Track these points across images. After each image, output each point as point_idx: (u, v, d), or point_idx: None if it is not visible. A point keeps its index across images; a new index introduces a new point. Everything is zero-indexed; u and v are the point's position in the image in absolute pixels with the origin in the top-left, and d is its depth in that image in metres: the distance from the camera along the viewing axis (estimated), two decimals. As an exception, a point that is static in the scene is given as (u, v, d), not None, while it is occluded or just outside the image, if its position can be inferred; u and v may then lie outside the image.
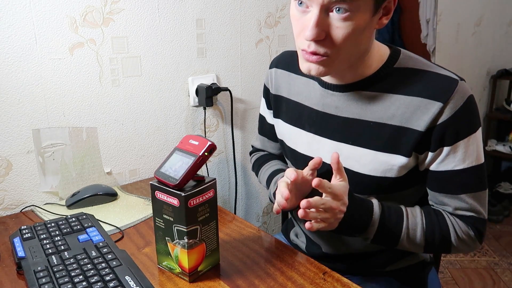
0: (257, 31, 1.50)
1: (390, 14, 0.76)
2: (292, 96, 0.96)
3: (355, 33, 0.71)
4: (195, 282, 0.78)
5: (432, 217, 0.83)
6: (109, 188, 1.17)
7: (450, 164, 0.79)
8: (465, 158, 0.79)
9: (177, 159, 0.76)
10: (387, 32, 2.21)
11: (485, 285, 2.02)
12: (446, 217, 0.83)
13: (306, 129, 0.92)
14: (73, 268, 0.76)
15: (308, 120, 0.91)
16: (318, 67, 0.76)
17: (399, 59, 0.82)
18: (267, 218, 1.75)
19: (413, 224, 0.82)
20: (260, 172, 1.09)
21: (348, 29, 0.70)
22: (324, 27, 0.71)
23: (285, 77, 0.98)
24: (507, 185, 2.84)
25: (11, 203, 1.11)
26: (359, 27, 0.71)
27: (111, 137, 1.25)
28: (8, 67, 1.04)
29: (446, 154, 0.78)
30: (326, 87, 0.87)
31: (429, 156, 0.80)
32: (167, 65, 1.31)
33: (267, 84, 1.05)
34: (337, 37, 0.71)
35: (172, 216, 0.75)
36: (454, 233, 0.82)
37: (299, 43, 0.76)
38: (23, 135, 1.09)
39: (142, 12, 1.22)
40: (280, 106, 1.00)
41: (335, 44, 0.72)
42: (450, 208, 0.83)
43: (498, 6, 2.72)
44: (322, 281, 0.78)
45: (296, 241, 1.07)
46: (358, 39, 0.73)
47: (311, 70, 0.77)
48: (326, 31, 0.71)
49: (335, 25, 0.70)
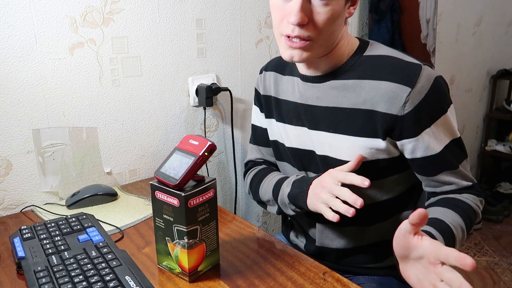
0: (257, 31, 1.50)
1: (356, 5, 0.83)
2: (280, 95, 0.99)
3: (333, 18, 0.78)
4: (195, 282, 0.78)
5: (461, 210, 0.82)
6: (109, 188, 1.17)
7: (437, 145, 0.82)
8: (446, 135, 0.83)
9: (177, 159, 0.76)
10: (387, 32, 2.21)
11: (485, 285, 2.02)
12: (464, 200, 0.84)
13: (293, 124, 0.95)
14: (73, 268, 0.76)
15: (294, 114, 0.95)
16: (301, 53, 0.80)
17: (368, 48, 0.87)
18: (267, 218, 1.75)
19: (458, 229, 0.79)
20: (262, 184, 1.02)
21: (328, 14, 0.77)
22: (307, 12, 0.76)
23: (272, 77, 1.02)
24: (507, 185, 2.84)
25: (11, 203, 1.11)
26: (336, 13, 0.77)
27: (111, 137, 1.25)
28: (8, 67, 1.04)
29: (429, 136, 0.81)
30: (306, 80, 0.91)
31: (411, 143, 0.82)
32: (167, 65, 1.31)
33: (257, 87, 1.08)
34: (319, 21, 0.77)
35: (172, 216, 0.75)
36: (477, 208, 0.85)
37: (282, 29, 0.80)
38: (23, 135, 1.09)
39: (142, 12, 1.22)
40: (270, 106, 1.03)
41: (317, 28, 0.78)
42: (455, 186, 0.85)
43: (498, 6, 2.72)
44: (322, 281, 0.78)
45: (296, 241, 1.07)
46: (335, 24, 0.79)
47: (294, 57, 0.81)
48: (308, 16, 0.77)
49: (316, 11, 0.77)
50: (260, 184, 1.02)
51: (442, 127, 0.82)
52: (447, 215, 0.80)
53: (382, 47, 0.87)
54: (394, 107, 0.80)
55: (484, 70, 2.80)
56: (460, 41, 2.50)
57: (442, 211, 0.81)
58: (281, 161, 1.03)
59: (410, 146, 0.82)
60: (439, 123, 0.81)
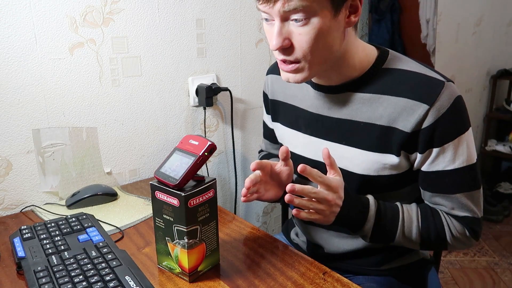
0: (257, 31, 1.50)
1: (359, 11, 0.76)
2: (288, 100, 0.97)
3: (319, 36, 0.73)
4: (195, 282, 0.78)
5: (428, 216, 0.84)
6: (109, 188, 1.17)
7: (440, 164, 0.80)
8: (455, 159, 0.79)
9: (177, 159, 0.76)
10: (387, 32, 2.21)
11: (485, 285, 2.02)
12: (442, 216, 0.84)
13: (302, 131, 0.94)
14: (73, 268, 0.76)
15: (304, 122, 0.93)
16: (294, 76, 0.79)
17: (387, 60, 0.83)
18: (267, 218, 1.75)
19: (409, 221, 0.83)
20: None
21: (310, 34, 0.72)
22: (287, 35, 0.74)
23: (279, 82, 1.00)
24: (507, 185, 2.84)
25: (11, 203, 1.11)
26: (322, 29, 0.72)
27: (111, 137, 1.25)
28: (8, 67, 1.04)
29: (435, 155, 0.79)
30: (318, 89, 0.89)
31: (418, 157, 0.81)
32: (167, 65, 1.31)
33: (265, 90, 1.07)
34: (301, 43, 0.73)
35: (172, 216, 0.75)
36: (449, 233, 0.83)
37: (274, 54, 0.79)
38: (23, 135, 1.09)
39: (142, 12, 1.22)
40: (277, 110, 1.02)
41: (301, 50, 0.74)
42: (445, 208, 0.84)
43: (498, 6, 2.72)
44: (322, 281, 0.78)
45: (296, 240, 1.07)
46: (325, 41, 0.74)
47: (289, 79, 0.80)
48: (289, 39, 0.74)
49: (296, 32, 0.73)
50: None
51: (455, 149, 0.79)
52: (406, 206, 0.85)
53: (403, 59, 0.83)
54: (411, 124, 0.77)
55: (484, 70, 2.80)
56: (460, 41, 2.50)
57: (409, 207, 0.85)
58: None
59: (418, 159, 0.81)
60: (451, 144, 0.78)
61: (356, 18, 0.76)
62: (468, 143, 0.80)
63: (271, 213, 1.76)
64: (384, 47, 0.86)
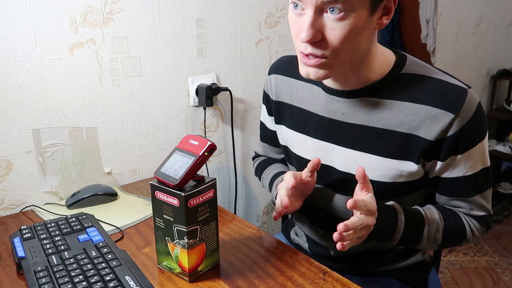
0: (257, 31, 1.50)
1: (391, 14, 0.74)
2: (295, 102, 0.94)
3: (352, 34, 0.69)
4: (195, 282, 0.78)
5: (451, 219, 0.84)
6: (109, 188, 1.17)
7: (461, 170, 0.80)
8: (476, 164, 0.80)
9: (177, 159, 0.76)
10: (387, 32, 2.21)
11: (485, 285, 2.02)
12: (462, 218, 0.85)
13: (311, 135, 0.91)
14: (73, 268, 0.76)
15: (314, 126, 0.90)
16: (317, 71, 0.74)
17: (406, 65, 0.81)
18: (267, 218, 1.75)
19: (434, 227, 0.83)
20: (263, 176, 1.08)
21: (344, 30, 0.69)
22: (319, 28, 0.69)
23: (285, 83, 0.96)
24: (507, 185, 2.84)
25: (11, 203, 1.11)
26: (356, 27, 0.69)
27: (111, 137, 1.25)
28: (8, 67, 1.04)
29: (458, 162, 0.79)
30: (331, 93, 0.85)
31: (439, 164, 0.80)
32: (167, 65, 1.31)
33: (266, 90, 1.03)
34: (333, 38, 0.70)
35: (172, 216, 0.75)
36: (470, 232, 0.85)
37: (297, 46, 0.75)
38: (23, 135, 1.09)
39: (142, 12, 1.22)
40: (282, 112, 0.98)
41: (331, 46, 0.71)
42: (464, 210, 0.85)
43: (498, 6, 2.71)
44: (322, 281, 0.78)
45: (297, 240, 1.07)
46: (356, 39, 0.71)
47: (310, 74, 0.75)
48: (321, 32, 0.70)
49: (330, 26, 0.69)
50: (262, 174, 1.09)
51: (476, 155, 0.79)
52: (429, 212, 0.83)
53: (422, 64, 0.81)
54: (435, 132, 0.76)
55: (484, 70, 2.79)
56: (460, 41, 2.50)
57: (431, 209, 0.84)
58: (291, 165, 1.01)
59: (438, 167, 0.80)
60: (473, 150, 0.78)
61: (387, 21, 0.74)
62: (486, 147, 0.81)
63: (271, 213, 1.76)
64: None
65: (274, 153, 1.11)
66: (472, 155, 0.79)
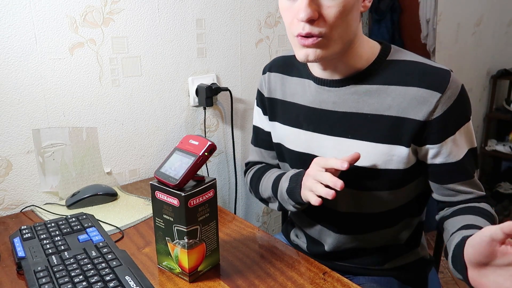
0: (257, 31, 1.50)
1: None
2: (287, 97, 0.96)
3: (345, 12, 0.75)
4: (195, 282, 0.78)
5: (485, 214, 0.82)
6: (109, 188, 1.17)
7: (458, 152, 0.82)
8: (467, 143, 0.83)
9: (177, 159, 0.76)
10: (387, 32, 2.21)
11: (485, 285, 2.02)
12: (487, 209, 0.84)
13: (303, 128, 0.92)
14: (73, 268, 0.76)
15: (305, 118, 0.92)
16: (315, 51, 0.77)
17: (391, 53, 0.85)
18: (267, 218, 1.75)
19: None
20: (262, 181, 1.02)
21: (339, 7, 0.74)
22: (316, 7, 0.74)
23: (279, 79, 0.99)
24: (507, 185, 2.84)
25: (11, 203, 1.11)
26: (348, 4, 0.74)
27: (111, 137, 1.25)
28: (8, 67, 1.04)
29: (452, 143, 0.81)
30: (322, 84, 0.88)
31: (433, 149, 0.81)
32: (167, 65, 1.31)
33: (261, 89, 1.04)
34: (330, 15, 0.74)
35: (172, 216, 0.75)
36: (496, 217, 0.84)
37: (293, 30, 0.78)
38: (23, 135, 1.09)
39: (142, 12, 1.22)
40: (275, 109, 1.00)
41: (328, 23, 0.75)
42: (472, 195, 0.85)
43: (498, 6, 2.72)
44: (322, 281, 0.78)
45: (296, 241, 1.07)
46: (348, 17, 0.76)
47: (309, 55, 0.78)
48: (318, 11, 0.74)
49: (326, 5, 0.74)
50: (260, 181, 1.02)
51: (465, 135, 0.82)
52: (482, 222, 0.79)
53: (407, 52, 0.85)
54: (423, 113, 0.78)
55: (484, 70, 2.79)
56: (460, 41, 2.50)
57: (474, 219, 0.79)
58: (284, 163, 1.01)
59: (433, 152, 0.82)
60: (462, 130, 0.81)
61: (369, 4, 0.80)
62: (472, 127, 0.85)
63: (271, 213, 1.76)
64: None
65: (270, 157, 1.08)
66: (463, 134, 0.82)
